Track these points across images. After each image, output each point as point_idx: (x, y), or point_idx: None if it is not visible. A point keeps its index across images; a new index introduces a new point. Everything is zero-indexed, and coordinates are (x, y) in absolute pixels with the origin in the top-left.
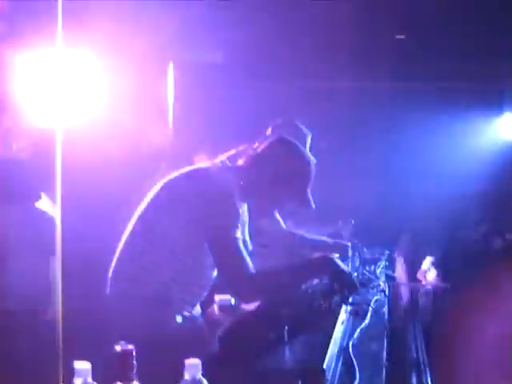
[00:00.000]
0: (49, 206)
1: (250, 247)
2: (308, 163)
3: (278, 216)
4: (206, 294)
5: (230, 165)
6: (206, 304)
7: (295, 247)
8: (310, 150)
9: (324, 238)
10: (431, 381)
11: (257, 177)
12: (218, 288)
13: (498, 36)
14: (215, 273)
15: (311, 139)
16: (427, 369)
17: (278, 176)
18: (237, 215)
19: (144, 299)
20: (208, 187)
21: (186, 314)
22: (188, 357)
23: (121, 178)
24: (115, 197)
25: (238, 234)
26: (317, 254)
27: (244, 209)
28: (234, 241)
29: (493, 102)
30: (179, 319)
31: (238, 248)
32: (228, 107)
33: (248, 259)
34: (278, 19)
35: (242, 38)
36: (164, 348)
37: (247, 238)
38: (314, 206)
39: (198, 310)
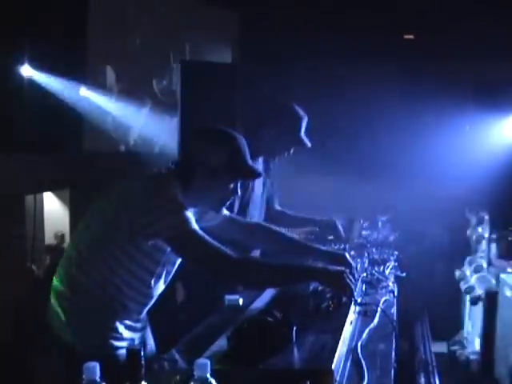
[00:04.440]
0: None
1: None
2: None
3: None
4: (151, 302)
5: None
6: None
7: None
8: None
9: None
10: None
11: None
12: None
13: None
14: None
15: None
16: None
17: None
18: (181, 210)
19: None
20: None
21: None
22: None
23: None
24: None
25: (193, 226)
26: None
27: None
28: (191, 234)
29: (502, 103)
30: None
31: (198, 238)
32: None
33: (212, 242)
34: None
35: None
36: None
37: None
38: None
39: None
